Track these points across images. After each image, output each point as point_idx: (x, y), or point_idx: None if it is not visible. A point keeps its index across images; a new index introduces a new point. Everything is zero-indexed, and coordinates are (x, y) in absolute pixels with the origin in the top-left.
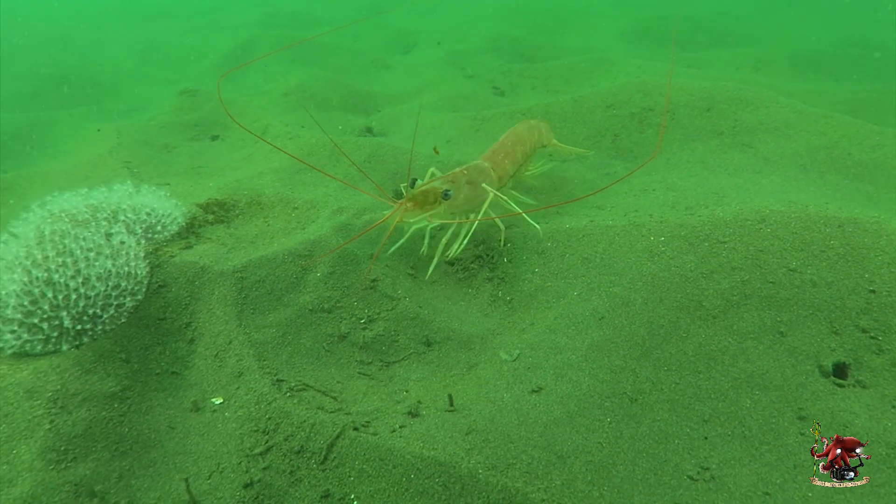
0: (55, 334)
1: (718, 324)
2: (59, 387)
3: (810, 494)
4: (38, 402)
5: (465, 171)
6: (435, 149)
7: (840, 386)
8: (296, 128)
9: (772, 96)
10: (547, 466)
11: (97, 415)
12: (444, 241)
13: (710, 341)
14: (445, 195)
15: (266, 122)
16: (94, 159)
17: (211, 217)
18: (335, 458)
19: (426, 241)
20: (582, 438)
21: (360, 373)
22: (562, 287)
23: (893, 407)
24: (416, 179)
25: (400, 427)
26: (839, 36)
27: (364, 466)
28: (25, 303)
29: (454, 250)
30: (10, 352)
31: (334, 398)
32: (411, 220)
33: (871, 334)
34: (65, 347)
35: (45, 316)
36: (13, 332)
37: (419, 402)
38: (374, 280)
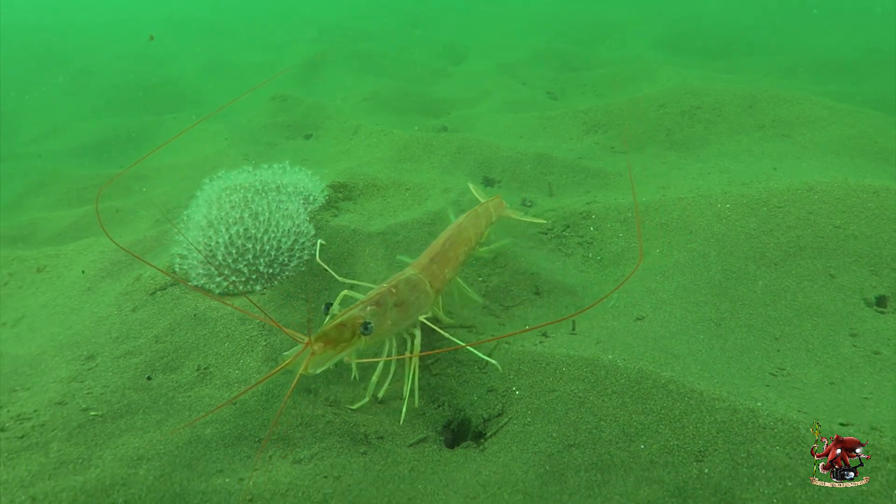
0: (253, 277)
1: (780, 269)
2: (263, 315)
3: (865, 384)
4: (251, 326)
5: (394, 290)
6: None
7: (882, 313)
8: (388, 126)
9: (806, 95)
10: (667, 359)
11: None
12: (374, 379)
13: (774, 282)
14: (365, 329)
15: (357, 123)
16: (218, 153)
17: (341, 195)
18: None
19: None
20: (685, 347)
21: (487, 312)
22: (645, 247)
23: None
24: (331, 304)
25: (539, 343)
26: (858, 43)
27: (520, 367)
28: (232, 251)
29: (384, 390)
30: (217, 291)
31: (476, 329)
32: (318, 371)
33: None
34: (258, 288)
35: (245, 262)
36: (223, 275)
37: (544, 331)
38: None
